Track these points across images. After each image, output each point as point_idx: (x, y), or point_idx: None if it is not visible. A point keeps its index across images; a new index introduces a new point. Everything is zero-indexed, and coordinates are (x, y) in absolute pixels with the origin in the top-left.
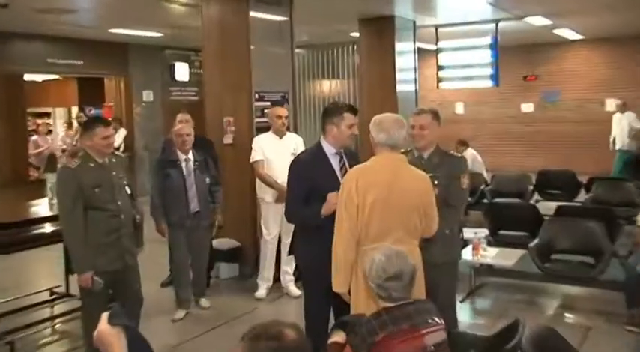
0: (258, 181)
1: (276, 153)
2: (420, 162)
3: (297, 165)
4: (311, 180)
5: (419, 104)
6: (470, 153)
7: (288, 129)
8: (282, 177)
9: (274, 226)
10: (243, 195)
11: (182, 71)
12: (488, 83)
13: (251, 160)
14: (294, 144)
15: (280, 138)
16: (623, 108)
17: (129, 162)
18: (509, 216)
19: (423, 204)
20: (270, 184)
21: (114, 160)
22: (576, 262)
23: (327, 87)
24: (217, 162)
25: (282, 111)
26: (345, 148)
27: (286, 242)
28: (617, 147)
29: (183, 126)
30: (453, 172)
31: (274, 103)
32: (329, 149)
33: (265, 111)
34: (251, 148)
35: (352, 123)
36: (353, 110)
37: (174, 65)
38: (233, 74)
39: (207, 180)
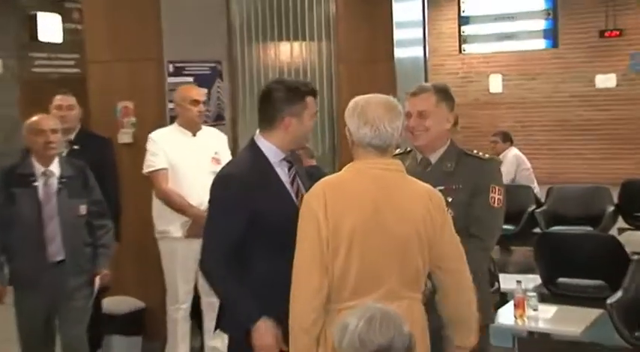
0: (156, 204)
1: (187, 158)
2: (424, 169)
3: (228, 185)
4: (250, 208)
5: (429, 79)
6: (512, 155)
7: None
8: (198, 195)
9: (186, 283)
10: (147, 227)
11: (50, 27)
12: (541, 44)
13: (146, 170)
14: (214, 144)
15: (193, 134)
16: None
17: None
18: (574, 254)
19: (429, 236)
20: (181, 208)
21: None
22: None
23: (287, 54)
24: (117, 179)
25: (198, 92)
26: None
27: (209, 301)
28: None
29: (50, 117)
30: (477, 183)
31: (199, 80)
32: (273, 154)
33: (174, 93)
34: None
35: (315, 112)
36: (315, 92)
37: (36, 17)
38: (132, 33)
39: (83, 208)
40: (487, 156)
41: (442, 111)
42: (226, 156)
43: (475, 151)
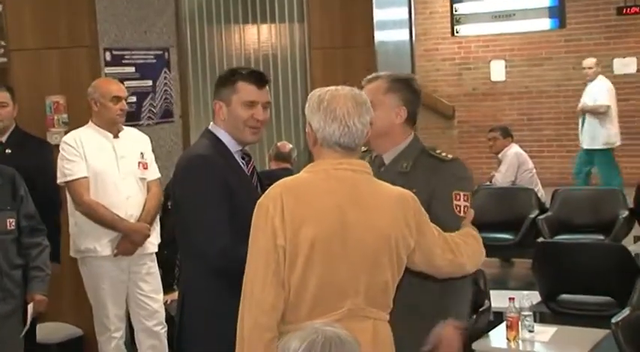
0: (77, 219)
1: (110, 163)
2: (378, 169)
3: (206, 163)
4: (230, 192)
5: (416, 66)
6: (514, 153)
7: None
8: (124, 206)
9: (117, 307)
10: None
11: None
12: (545, 24)
13: (61, 179)
14: (139, 146)
15: (115, 136)
16: None
17: None
18: (578, 266)
19: (405, 244)
20: (110, 222)
21: None
22: None
23: (253, 39)
24: (57, 190)
25: (119, 88)
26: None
27: (144, 327)
28: None
29: None
30: (436, 188)
31: (143, 70)
32: (229, 143)
33: (90, 89)
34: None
35: (252, 101)
36: (256, 78)
37: None
38: (61, 16)
39: (11, 223)
40: (450, 156)
41: (389, 103)
42: (152, 160)
43: (439, 151)
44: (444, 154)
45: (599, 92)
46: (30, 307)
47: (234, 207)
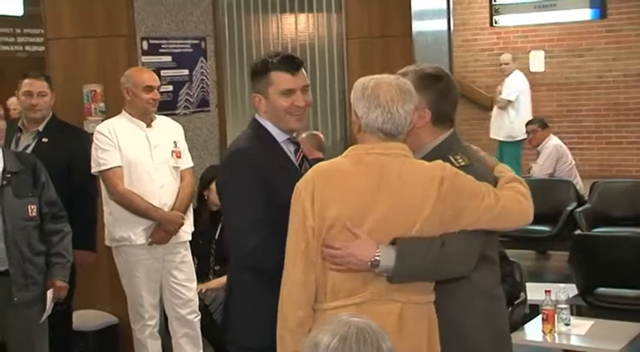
0: (111, 208)
1: (144, 153)
2: None
3: (244, 158)
4: (269, 185)
5: (454, 57)
6: (553, 145)
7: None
8: (159, 195)
9: (152, 296)
10: None
11: None
12: (587, 14)
13: (96, 168)
14: (172, 135)
15: (148, 125)
16: None
17: None
18: (616, 259)
19: (443, 225)
20: (145, 211)
21: None
22: None
23: (290, 28)
24: (94, 179)
25: (151, 77)
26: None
27: (178, 316)
28: None
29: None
30: None
31: (179, 59)
32: (276, 133)
33: (122, 78)
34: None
35: (289, 89)
36: (289, 64)
37: None
38: (99, 5)
39: (32, 209)
40: (462, 162)
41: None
42: (185, 149)
43: (458, 156)
44: (457, 158)
45: (511, 86)
46: (49, 293)
47: (274, 198)
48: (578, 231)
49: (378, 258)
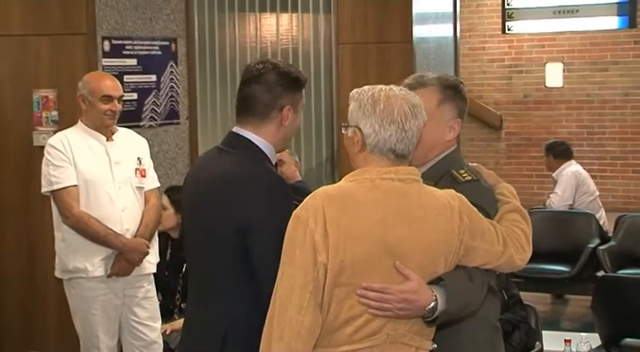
0: (63, 234)
1: (103, 171)
2: None
3: (285, 185)
4: None
5: (460, 67)
6: (572, 172)
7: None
8: (120, 219)
9: (109, 337)
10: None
11: None
12: (613, 22)
13: (47, 188)
14: (136, 151)
15: (109, 139)
16: None
17: None
18: None
19: (449, 258)
20: (104, 237)
21: None
22: None
23: (271, 30)
24: None
25: (113, 85)
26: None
27: None
28: None
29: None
30: None
31: (146, 63)
32: (271, 153)
33: (79, 84)
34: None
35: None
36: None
37: None
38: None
39: None
40: (467, 177)
41: (443, 116)
42: (150, 167)
43: (462, 171)
44: (464, 174)
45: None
46: None
47: None
48: (601, 272)
49: (435, 303)
